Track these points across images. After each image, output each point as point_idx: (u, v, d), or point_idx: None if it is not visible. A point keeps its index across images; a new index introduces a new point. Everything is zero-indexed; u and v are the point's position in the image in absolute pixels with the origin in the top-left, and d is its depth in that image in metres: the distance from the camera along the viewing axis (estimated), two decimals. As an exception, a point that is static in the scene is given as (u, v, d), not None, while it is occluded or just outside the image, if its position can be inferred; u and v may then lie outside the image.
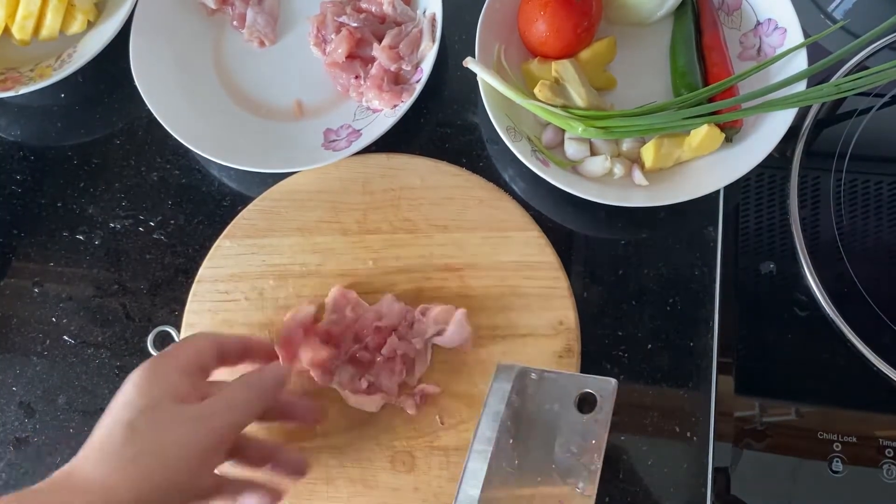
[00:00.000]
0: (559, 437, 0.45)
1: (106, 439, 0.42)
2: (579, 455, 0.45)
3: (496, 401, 0.46)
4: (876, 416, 0.53)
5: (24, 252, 0.65)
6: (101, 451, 0.41)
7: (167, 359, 0.46)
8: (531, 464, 0.45)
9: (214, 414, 0.44)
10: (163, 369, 0.45)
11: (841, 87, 0.55)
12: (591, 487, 0.43)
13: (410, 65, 0.63)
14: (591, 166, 0.58)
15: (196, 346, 0.47)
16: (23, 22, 0.67)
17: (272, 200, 0.60)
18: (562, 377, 0.48)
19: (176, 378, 0.45)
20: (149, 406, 0.43)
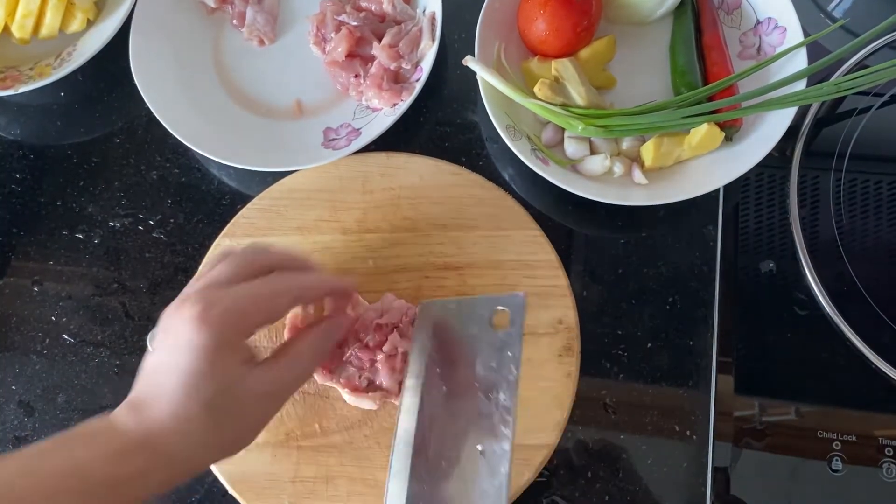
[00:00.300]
0: (479, 356, 0.47)
1: (182, 413, 0.41)
2: (498, 369, 0.47)
3: (422, 336, 0.49)
4: (875, 416, 0.53)
5: (24, 251, 0.65)
6: (176, 422, 0.41)
7: (239, 324, 0.44)
8: (457, 387, 0.48)
9: (286, 386, 0.46)
10: (232, 331, 0.43)
11: (840, 86, 0.55)
12: (512, 397, 0.45)
13: (410, 63, 0.63)
14: (591, 165, 0.58)
15: (274, 300, 0.45)
16: (22, 20, 0.67)
17: (272, 199, 0.60)
18: (477, 301, 0.51)
19: (245, 342, 0.44)
20: (224, 384, 0.42)
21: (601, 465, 0.53)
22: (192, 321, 0.42)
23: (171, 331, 0.43)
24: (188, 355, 0.42)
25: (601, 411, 0.55)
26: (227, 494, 0.53)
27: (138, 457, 0.41)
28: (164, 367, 0.43)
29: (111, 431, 0.41)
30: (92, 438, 0.41)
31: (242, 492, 0.53)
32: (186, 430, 0.42)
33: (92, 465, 0.40)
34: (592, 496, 0.53)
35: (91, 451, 0.40)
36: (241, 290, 0.45)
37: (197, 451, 0.42)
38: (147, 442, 0.41)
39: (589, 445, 0.54)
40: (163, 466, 0.41)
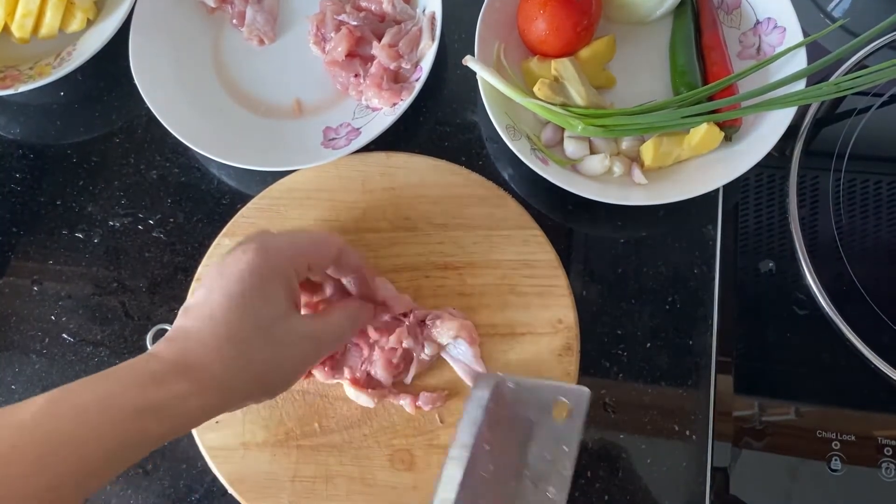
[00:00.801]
0: (534, 443, 0.47)
1: (225, 333, 0.42)
2: (553, 461, 0.46)
3: (474, 408, 0.48)
4: (875, 415, 0.53)
5: (24, 250, 0.65)
6: (218, 342, 0.42)
7: (295, 258, 0.46)
8: (505, 469, 0.46)
9: (325, 341, 0.48)
10: (287, 263, 0.45)
11: (840, 85, 0.55)
12: (563, 493, 0.45)
13: (410, 63, 0.63)
14: (591, 165, 0.58)
15: (326, 253, 0.48)
16: (22, 20, 0.67)
17: (271, 199, 0.60)
18: (538, 386, 0.49)
19: (296, 286, 0.46)
20: (272, 314, 0.44)
21: (601, 465, 0.53)
22: (249, 250, 0.44)
23: (223, 265, 0.44)
24: (241, 278, 0.43)
25: (601, 411, 0.55)
26: (226, 494, 0.53)
27: (173, 381, 0.40)
28: (214, 293, 0.43)
29: (148, 361, 0.41)
30: (128, 370, 0.41)
31: (242, 491, 0.53)
32: (228, 353, 0.42)
33: (124, 393, 0.39)
34: (592, 495, 0.53)
35: (124, 380, 0.40)
36: (297, 233, 0.49)
37: (235, 379, 0.42)
38: (185, 366, 0.41)
39: (588, 445, 0.54)
40: (199, 391, 0.41)
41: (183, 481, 0.56)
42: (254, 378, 0.43)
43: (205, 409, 0.42)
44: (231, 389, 0.42)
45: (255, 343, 0.43)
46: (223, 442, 0.54)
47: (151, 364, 0.41)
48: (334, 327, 0.48)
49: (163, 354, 0.42)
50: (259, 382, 0.44)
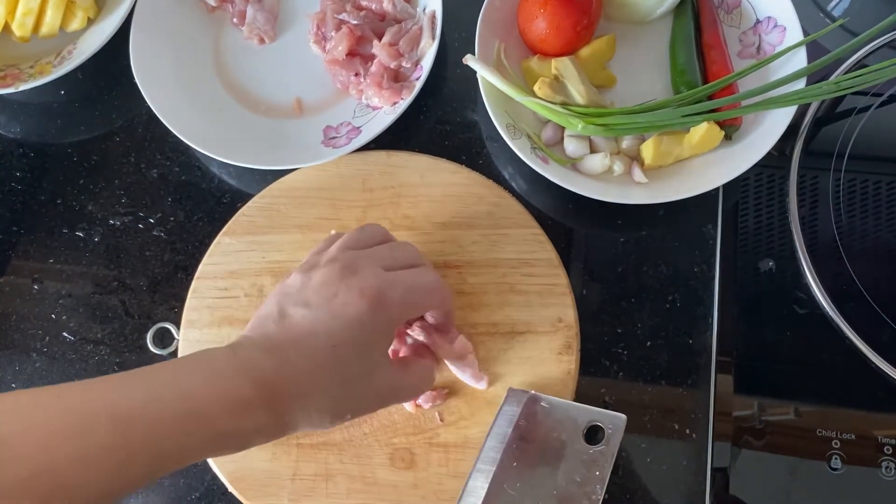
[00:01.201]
0: (563, 464, 0.46)
1: (318, 394, 0.41)
2: (582, 485, 0.45)
3: (504, 423, 0.47)
4: (875, 415, 0.53)
5: (24, 249, 0.65)
6: (310, 400, 0.41)
7: (406, 313, 0.45)
8: (533, 489, 0.46)
9: (404, 396, 0.49)
10: (398, 320, 0.44)
11: (840, 85, 0.56)
12: None
13: (410, 62, 0.63)
14: (591, 164, 0.58)
15: (437, 306, 0.48)
16: (23, 19, 0.67)
17: (272, 197, 0.60)
18: (571, 407, 0.49)
19: (394, 335, 0.46)
20: (367, 368, 0.43)
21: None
22: (366, 294, 0.42)
23: (335, 293, 0.42)
24: (350, 327, 0.42)
25: (601, 410, 0.55)
26: (226, 492, 0.53)
27: (262, 415, 0.40)
28: (320, 332, 0.42)
29: (240, 385, 0.40)
30: (218, 388, 0.39)
31: (242, 490, 0.53)
32: (318, 403, 0.42)
33: (213, 416, 0.38)
34: (592, 494, 0.53)
35: (213, 399, 0.39)
36: (415, 279, 0.45)
37: (312, 422, 0.42)
38: (273, 400, 0.40)
39: (588, 444, 0.54)
40: (277, 428, 0.41)
41: (183, 479, 0.56)
42: (329, 421, 0.43)
43: (269, 439, 0.42)
44: (302, 427, 0.42)
45: (348, 394, 0.43)
46: (223, 440, 0.54)
47: (244, 390, 0.39)
48: (415, 385, 0.48)
49: (254, 377, 0.40)
50: (330, 424, 0.44)
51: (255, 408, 0.40)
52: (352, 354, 0.42)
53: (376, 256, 0.46)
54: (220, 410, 0.39)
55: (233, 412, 0.39)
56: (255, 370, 0.40)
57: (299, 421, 0.42)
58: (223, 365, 0.40)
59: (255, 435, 0.41)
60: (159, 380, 0.39)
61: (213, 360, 0.41)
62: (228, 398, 0.39)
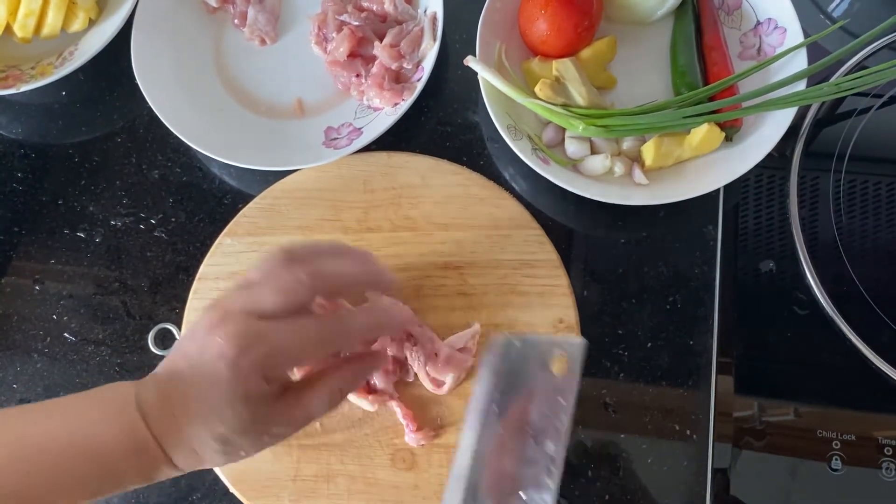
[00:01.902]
0: (537, 398, 0.46)
1: (196, 442, 0.41)
2: (551, 416, 0.46)
3: (486, 373, 0.48)
4: (875, 415, 0.53)
5: (25, 250, 0.65)
6: (187, 449, 0.42)
7: (275, 361, 0.41)
8: (510, 427, 0.46)
9: (301, 425, 0.44)
10: (265, 376, 0.41)
11: (840, 86, 0.56)
12: (560, 448, 0.45)
13: (411, 63, 0.63)
14: (592, 165, 0.58)
15: (319, 349, 0.43)
16: (24, 20, 0.68)
17: (273, 198, 0.61)
18: (538, 341, 0.49)
19: (277, 378, 0.43)
20: (244, 426, 0.41)
21: (601, 465, 0.54)
22: (224, 361, 0.40)
23: (204, 345, 0.42)
24: (216, 389, 0.41)
25: (601, 411, 0.55)
26: (227, 493, 0.53)
27: (161, 466, 0.41)
28: (189, 377, 0.42)
29: (134, 427, 0.41)
30: (115, 432, 0.41)
31: (243, 490, 0.53)
32: (195, 458, 0.42)
33: (114, 461, 0.40)
34: (592, 495, 0.53)
35: (112, 447, 0.40)
36: (286, 333, 0.42)
37: (185, 464, 0.42)
38: (170, 445, 0.41)
39: (589, 445, 0.54)
40: (173, 469, 0.42)
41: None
42: (222, 460, 0.43)
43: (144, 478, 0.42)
44: (186, 465, 0.43)
45: (222, 450, 0.42)
46: (224, 441, 0.54)
47: (139, 432, 0.40)
48: (315, 409, 0.44)
49: (150, 419, 0.41)
50: (223, 462, 0.44)
51: (156, 462, 0.41)
52: (221, 409, 0.41)
53: (254, 301, 0.43)
54: (124, 458, 0.40)
55: (129, 456, 0.41)
56: (150, 414, 0.41)
57: (180, 462, 0.42)
58: (121, 404, 0.41)
59: (156, 477, 0.42)
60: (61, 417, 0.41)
61: (109, 398, 0.42)
62: (128, 442, 0.40)
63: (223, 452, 0.42)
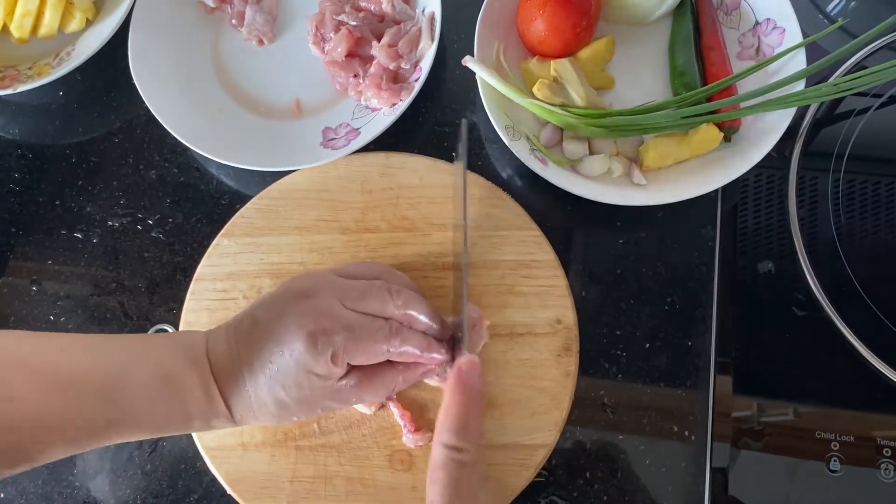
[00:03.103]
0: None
1: (256, 402, 0.45)
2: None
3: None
4: (874, 416, 0.53)
5: (23, 250, 0.64)
6: (245, 406, 0.45)
7: (344, 352, 0.45)
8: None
9: (353, 402, 0.48)
10: (333, 359, 0.45)
11: (839, 86, 0.56)
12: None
13: (409, 63, 0.63)
14: (590, 165, 0.58)
15: (379, 351, 0.47)
16: (21, 20, 0.67)
17: (270, 199, 0.60)
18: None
19: (338, 364, 0.45)
20: (308, 396, 0.45)
21: (599, 465, 0.53)
22: (303, 334, 0.44)
23: (285, 311, 0.45)
24: (288, 358, 0.44)
25: (600, 411, 0.55)
26: (225, 494, 0.53)
27: (220, 419, 0.45)
28: (263, 340, 0.45)
29: (206, 372, 0.44)
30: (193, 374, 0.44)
31: (241, 492, 0.53)
32: (250, 416, 0.46)
33: (184, 416, 0.44)
34: (591, 496, 0.53)
35: (183, 406, 0.44)
36: (365, 326, 0.46)
37: (243, 414, 0.46)
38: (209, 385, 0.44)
39: (587, 445, 0.54)
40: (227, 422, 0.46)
41: (182, 481, 0.56)
42: (275, 416, 0.46)
43: (206, 421, 0.46)
44: (242, 417, 0.46)
45: (287, 397, 0.45)
46: (222, 442, 0.53)
47: (208, 382, 0.44)
48: (361, 398, 0.48)
49: (217, 372, 0.45)
50: (276, 419, 0.47)
51: (217, 421, 0.45)
52: (289, 377, 0.45)
53: (346, 289, 0.47)
54: (184, 417, 0.44)
55: (192, 419, 0.44)
56: (207, 354, 0.45)
57: (237, 416, 0.45)
58: (192, 348, 0.45)
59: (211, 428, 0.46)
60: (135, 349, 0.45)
61: (186, 343, 0.45)
62: (193, 412, 0.44)
63: (277, 416, 0.46)
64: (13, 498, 0.56)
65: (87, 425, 0.42)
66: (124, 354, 0.44)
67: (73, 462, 0.57)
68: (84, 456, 0.57)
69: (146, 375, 0.43)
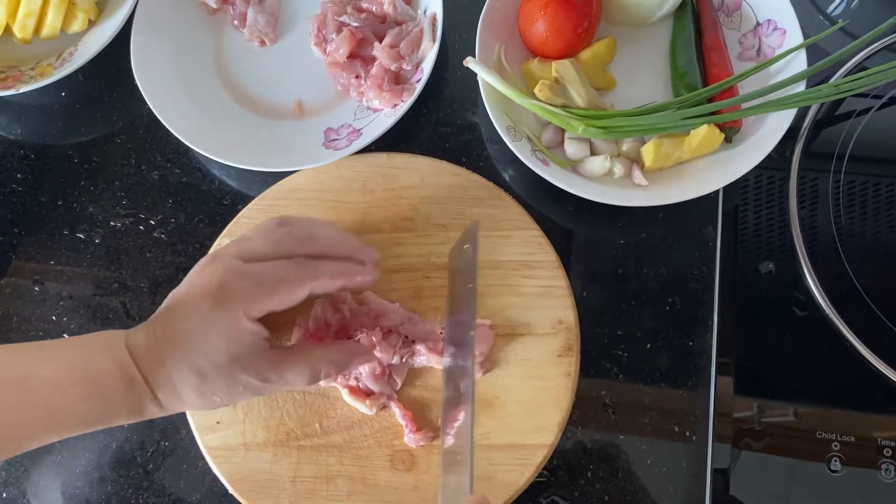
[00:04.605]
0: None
1: (177, 378, 0.44)
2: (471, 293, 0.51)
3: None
4: (874, 416, 0.53)
5: (25, 250, 0.65)
6: (170, 386, 0.45)
7: (250, 298, 0.45)
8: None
9: (278, 389, 0.49)
10: (242, 309, 0.45)
11: (840, 87, 0.56)
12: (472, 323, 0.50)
13: (411, 64, 0.63)
14: (591, 166, 0.58)
15: (293, 291, 0.47)
16: (24, 20, 0.68)
17: (272, 199, 0.61)
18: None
19: (257, 321, 0.46)
20: (224, 358, 0.45)
21: (600, 465, 0.54)
22: (207, 294, 0.45)
23: (191, 283, 0.47)
24: (198, 321, 0.45)
25: (601, 411, 0.55)
26: (227, 494, 0.53)
27: (149, 407, 0.45)
28: (177, 312, 0.46)
29: (126, 360, 0.44)
30: (109, 370, 0.44)
31: (242, 491, 0.53)
32: (175, 397, 0.45)
33: (111, 406, 0.44)
34: (592, 496, 0.53)
35: (107, 384, 0.44)
36: (265, 270, 0.46)
37: (169, 400, 0.45)
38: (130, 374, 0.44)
39: (588, 445, 0.54)
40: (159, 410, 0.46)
41: (184, 481, 0.56)
42: (197, 399, 0.46)
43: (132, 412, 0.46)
44: (169, 404, 0.46)
45: (208, 375, 0.45)
46: (224, 442, 0.54)
47: (128, 369, 0.44)
48: (298, 378, 0.47)
49: (137, 357, 0.44)
50: (199, 403, 0.46)
51: (146, 404, 0.45)
52: (201, 341, 0.45)
53: (246, 249, 0.48)
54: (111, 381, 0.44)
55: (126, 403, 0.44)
56: (127, 346, 0.45)
57: (164, 399, 0.45)
58: (108, 342, 0.45)
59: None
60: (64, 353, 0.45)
61: (101, 339, 0.46)
62: (118, 385, 0.44)
63: (199, 392, 0.45)
64: (15, 498, 0.57)
65: (4, 425, 0.42)
66: (32, 352, 0.44)
67: (74, 462, 0.57)
68: (85, 456, 0.57)
69: (59, 368, 0.43)
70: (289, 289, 0.47)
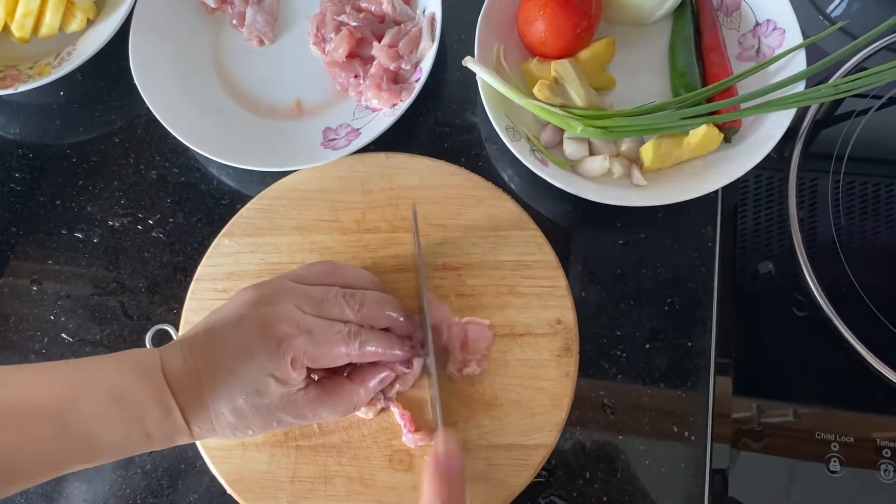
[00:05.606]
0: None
1: (213, 412, 0.44)
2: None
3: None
4: (873, 417, 0.53)
5: (23, 250, 0.65)
6: (204, 418, 0.44)
7: (306, 357, 0.45)
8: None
9: (310, 417, 0.48)
10: (294, 364, 0.45)
11: (839, 87, 0.56)
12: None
13: (410, 64, 0.63)
14: (590, 166, 0.58)
15: (339, 354, 0.47)
16: (22, 20, 0.68)
17: (271, 199, 0.60)
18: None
19: (303, 375, 0.46)
20: (266, 404, 0.45)
21: (599, 466, 0.54)
22: (264, 339, 0.44)
23: (244, 318, 0.45)
24: (248, 364, 0.44)
25: (600, 412, 0.55)
26: (225, 494, 0.53)
27: (180, 435, 0.44)
28: (218, 346, 0.45)
29: (163, 389, 0.43)
30: (147, 398, 0.43)
31: (241, 491, 0.53)
32: (209, 428, 0.45)
33: (142, 427, 0.43)
34: (590, 496, 0.53)
35: (143, 408, 0.43)
36: (324, 329, 0.46)
37: (201, 429, 0.45)
38: (166, 401, 0.43)
39: (587, 446, 0.54)
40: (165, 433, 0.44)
41: (182, 481, 0.56)
42: (230, 432, 0.46)
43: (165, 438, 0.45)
44: (201, 432, 0.45)
45: (245, 410, 0.45)
46: (222, 442, 0.54)
47: (165, 398, 0.43)
48: (318, 414, 0.48)
49: (175, 387, 0.44)
50: (231, 434, 0.46)
51: (179, 434, 0.44)
52: (247, 385, 0.44)
53: (304, 295, 0.47)
54: (148, 405, 0.43)
55: (155, 434, 0.43)
56: (163, 370, 0.44)
57: (196, 430, 0.44)
58: (145, 365, 0.44)
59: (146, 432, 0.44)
60: (90, 374, 0.43)
61: (139, 360, 0.44)
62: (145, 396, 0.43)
63: (233, 427, 0.45)
64: (14, 498, 0.56)
65: (43, 456, 0.41)
66: (71, 378, 0.43)
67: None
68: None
69: (97, 397, 0.42)
70: (339, 354, 0.47)
